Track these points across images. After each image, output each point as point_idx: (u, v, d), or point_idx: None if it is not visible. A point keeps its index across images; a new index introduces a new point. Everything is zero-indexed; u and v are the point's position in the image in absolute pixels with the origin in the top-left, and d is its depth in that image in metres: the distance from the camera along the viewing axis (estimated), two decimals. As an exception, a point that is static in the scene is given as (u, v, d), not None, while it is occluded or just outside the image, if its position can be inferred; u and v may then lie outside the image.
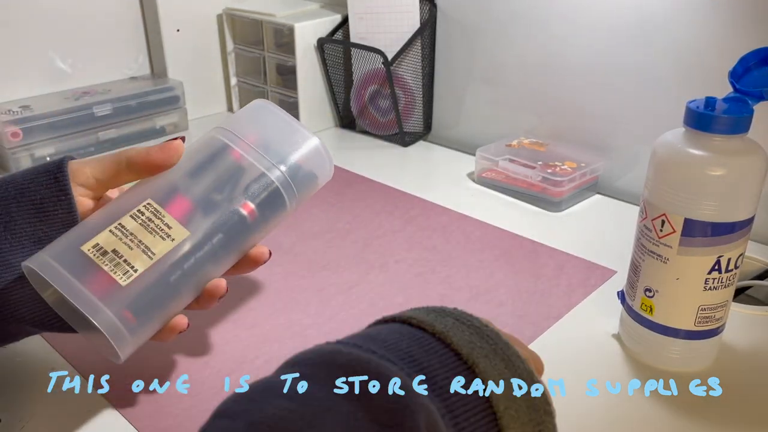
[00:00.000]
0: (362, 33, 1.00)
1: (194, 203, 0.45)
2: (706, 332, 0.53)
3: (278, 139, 0.49)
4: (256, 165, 0.47)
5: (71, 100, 0.96)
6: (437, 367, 0.34)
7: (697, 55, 0.74)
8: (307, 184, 0.50)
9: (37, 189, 0.43)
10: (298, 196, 0.50)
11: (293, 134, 0.50)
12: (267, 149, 0.48)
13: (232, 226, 0.46)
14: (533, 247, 0.73)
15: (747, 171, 0.48)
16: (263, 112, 0.51)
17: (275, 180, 0.48)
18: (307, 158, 0.50)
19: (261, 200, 0.47)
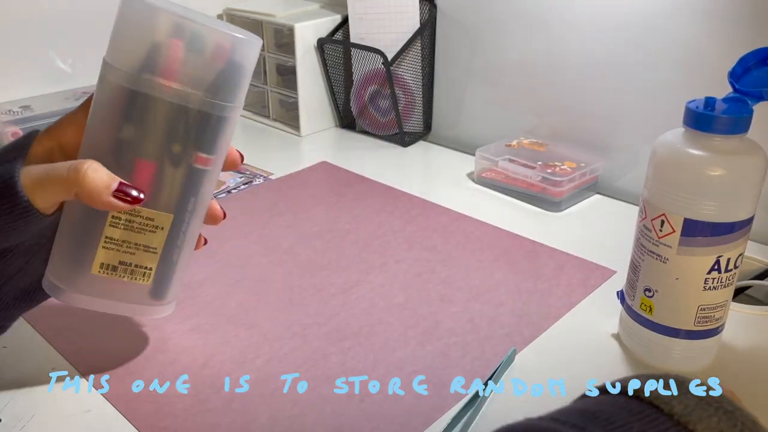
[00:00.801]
0: (362, 33, 1.00)
1: (151, 173, 0.43)
2: (706, 332, 0.53)
3: (192, 58, 0.40)
4: (189, 106, 0.41)
5: (71, 100, 0.96)
6: None
7: (697, 55, 0.75)
8: (239, 85, 0.43)
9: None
10: (236, 107, 0.44)
11: (206, 41, 0.40)
12: (188, 79, 0.40)
13: (197, 182, 0.45)
14: (533, 247, 0.73)
15: (746, 171, 0.48)
16: (156, 20, 0.39)
17: (211, 110, 0.41)
18: (232, 61, 0.41)
19: (210, 140, 0.43)
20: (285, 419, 0.49)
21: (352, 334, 0.59)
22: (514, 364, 0.55)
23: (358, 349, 0.57)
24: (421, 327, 0.60)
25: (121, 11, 0.40)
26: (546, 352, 0.57)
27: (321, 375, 0.54)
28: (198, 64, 0.40)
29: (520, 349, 0.57)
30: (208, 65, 0.40)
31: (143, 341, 0.58)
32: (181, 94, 0.40)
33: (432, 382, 0.53)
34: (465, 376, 0.54)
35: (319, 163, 0.95)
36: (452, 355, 0.57)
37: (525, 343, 0.58)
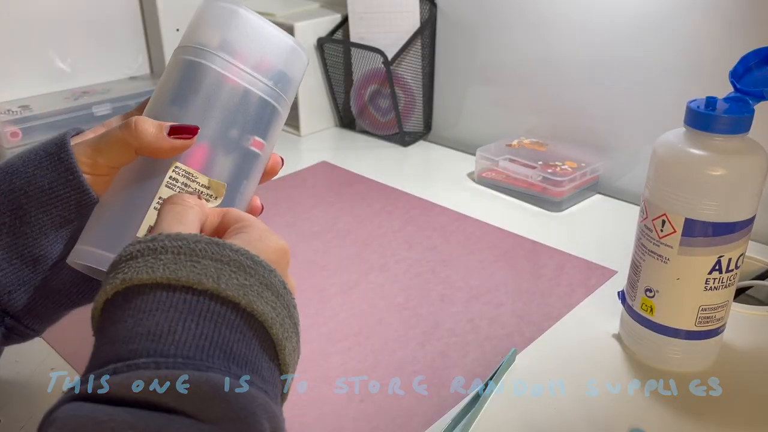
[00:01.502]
0: (362, 33, 1.00)
1: (210, 148, 0.44)
2: (707, 332, 0.53)
3: (259, 47, 0.45)
4: (253, 89, 0.44)
5: (71, 99, 0.96)
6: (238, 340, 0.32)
7: (698, 55, 0.74)
8: (293, 89, 0.48)
9: (44, 174, 0.42)
10: (289, 101, 0.48)
11: (271, 38, 0.46)
12: (254, 65, 0.45)
13: (250, 167, 0.45)
14: (533, 247, 0.73)
15: (747, 171, 0.48)
16: (231, 16, 0.45)
17: (272, 100, 0.45)
18: (290, 63, 0.47)
19: (266, 127, 0.45)
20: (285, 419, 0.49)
21: (352, 334, 0.59)
22: (514, 365, 0.55)
23: (358, 349, 0.57)
24: (421, 327, 0.60)
25: (203, 6, 0.45)
26: (546, 353, 0.57)
27: (321, 375, 0.54)
28: (266, 56, 0.45)
29: (520, 349, 0.57)
30: (274, 58, 0.45)
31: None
32: (249, 78, 0.44)
33: (432, 382, 0.53)
34: (465, 376, 0.54)
35: (319, 162, 0.95)
36: (452, 355, 0.56)
37: (525, 343, 0.58)
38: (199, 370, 0.29)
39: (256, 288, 0.33)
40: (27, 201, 0.42)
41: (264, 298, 0.33)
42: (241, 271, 0.33)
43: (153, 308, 0.31)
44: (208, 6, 0.45)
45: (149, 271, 0.32)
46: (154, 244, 0.33)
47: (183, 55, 0.44)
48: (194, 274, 0.32)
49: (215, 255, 0.33)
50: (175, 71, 0.44)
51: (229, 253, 0.33)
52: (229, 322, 0.32)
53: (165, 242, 0.33)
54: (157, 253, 0.33)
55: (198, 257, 0.33)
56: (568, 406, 0.51)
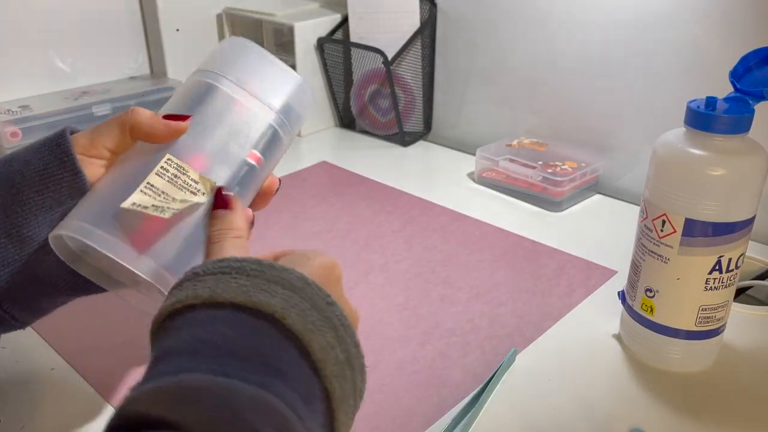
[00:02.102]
0: (362, 33, 1.00)
1: (207, 158, 0.46)
2: (707, 332, 0.53)
3: (268, 80, 0.51)
4: (256, 111, 0.49)
5: (71, 99, 0.96)
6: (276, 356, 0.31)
7: (698, 55, 0.74)
8: (296, 121, 0.52)
9: (41, 158, 0.43)
10: (292, 135, 0.52)
11: (280, 74, 0.52)
12: (261, 92, 0.49)
13: (244, 177, 0.47)
14: (533, 247, 0.73)
15: (748, 171, 0.48)
16: (245, 50, 0.52)
17: (274, 124, 0.49)
18: (295, 97, 0.52)
19: (265, 146, 0.48)
20: None
21: (352, 334, 0.59)
22: (514, 365, 0.55)
23: (358, 350, 0.57)
24: (421, 327, 0.60)
25: (223, 41, 0.52)
26: (546, 353, 0.57)
27: (321, 375, 0.54)
28: (272, 86, 0.50)
29: (520, 349, 0.57)
30: (279, 89, 0.51)
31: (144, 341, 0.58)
32: (253, 101, 0.49)
33: (432, 382, 0.53)
34: (465, 376, 0.54)
35: (319, 162, 0.95)
36: (452, 355, 0.56)
37: (525, 343, 0.58)
38: (187, 372, 0.28)
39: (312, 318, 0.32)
40: (22, 181, 0.42)
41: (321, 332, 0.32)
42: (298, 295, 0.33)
43: (217, 321, 0.31)
44: (227, 41, 0.52)
45: (222, 291, 0.32)
46: (224, 266, 0.34)
47: (195, 76, 0.49)
48: (263, 295, 0.32)
49: (282, 281, 0.33)
50: (186, 88, 0.49)
51: (294, 279, 0.33)
52: (278, 344, 0.31)
53: (238, 265, 0.33)
54: (234, 273, 0.33)
55: (270, 282, 0.33)
56: (568, 406, 0.51)
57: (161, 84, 1.04)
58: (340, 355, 0.33)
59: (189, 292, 0.32)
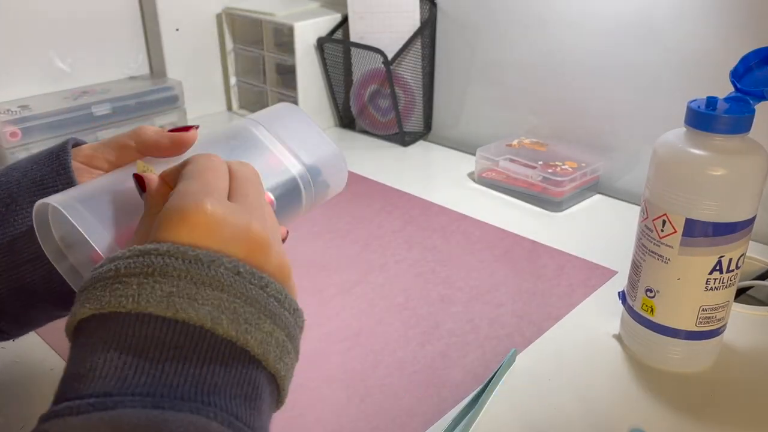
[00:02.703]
0: (362, 32, 1.00)
1: None
2: (707, 333, 0.53)
3: (304, 140, 0.51)
4: (282, 160, 0.49)
5: (70, 99, 0.96)
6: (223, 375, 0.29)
7: (698, 55, 0.74)
8: (323, 188, 0.52)
9: (39, 169, 0.43)
10: (314, 198, 0.52)
11: (317, 139, 0.53)
12: (293, 147, 0.50)
13: None
14: (533, 247, 0.73)
15: (748, 171, 0.48)
16: (291, 113, 0.53)
17: (297, 177, 0.49)
18: (327, 163, 0.52)
19: (281, 193, 0.48)
20: (285, 419, 0.49)
21: (352, 334, 0.59)
22: (514, 365, 0.55)
23: (358, 350, 0.57)
24: (421, 327, 0.60)
25: (278, 105, 0.54)
26: (547, 353, 0.57)
27: (321, 375, 0.54)
28: (308, 147, 0.51)
29: (520, 349, 0.57)
30: (312, 151, 0.51)
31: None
32: (282, 151, 0.50)
33: (432, 382, 0.53)
34: (465, 376, 0.54)
35: (319, 162, 0.95)
36: (452, 355, 0.56)
37: (525, 343, 0.58)
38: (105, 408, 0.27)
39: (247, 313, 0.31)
40: (18, 191, 0.43)
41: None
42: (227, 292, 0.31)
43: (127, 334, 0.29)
44: (279, 104, 0.55)
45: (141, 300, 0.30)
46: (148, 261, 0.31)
47: (237, 122, 0.51)
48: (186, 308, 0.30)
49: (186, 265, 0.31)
50: (224, 128, 0.50)
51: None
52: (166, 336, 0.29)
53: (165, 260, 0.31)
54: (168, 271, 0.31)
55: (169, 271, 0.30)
56: (568, 406, 0.51)
57: (161, 84, 1.04)
58: (280, 336, 0.32)
59: (111, 298, 0.30)
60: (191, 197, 0.33)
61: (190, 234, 0.32)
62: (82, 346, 0.30)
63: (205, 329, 0.30)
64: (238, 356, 0.30)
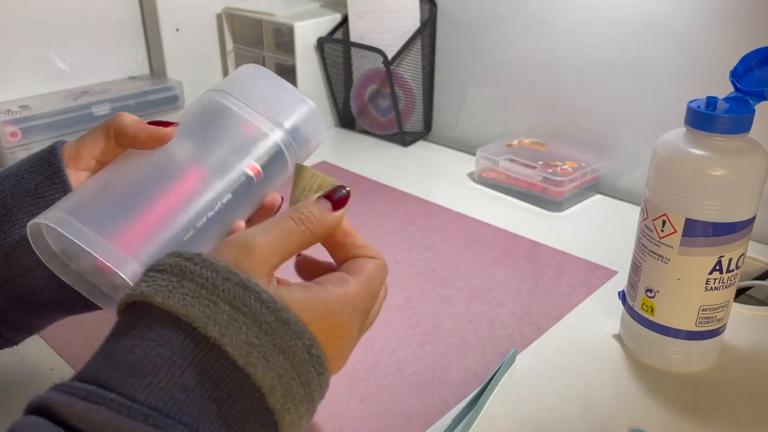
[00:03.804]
0: (362, 32, 1.00)
1: (205, 168, 0.46)
2: (707, 332, 0.53)
3: (276, 100, 0.51)
4: (260, 127, 0.49)
5: (70, 99, 0.96)
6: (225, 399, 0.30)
7: (698, 55, 0.74)
8: (304, 144, 0.52)
9: (32, 177, 0.43)
10: (297, 157, 0.51)
11: (290, 97, 0.52)
12: (268, 111, 0.49)
13: (240, 187, 0.47)
14: (534, 247, 0.73)
15: (748, 171, 0.48)
16: (257, 74, 0.52)
17: (279, 142, 0.49)
18: (304, 120, 0.51)
19: (266, 161, 0.48)
20: None
21: (352, 334, 0.59)
22: (514, 365, 0.55)
23: (358, 349, 0.57)
24: (422, 327, 0.60)
25: (238, 69, 0.52)
26: (547, 353, 0.57)
27: (321, 375, 0.54)
28: (283, 108, 0.50)
29: (520, 349, 0.57)
30: (289, 111, 0.50)
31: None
32: (260, 120, 0.49)
33: (432, 382, 0.53)
34: (465, 376, 0.54)
35: (319, 163, 0.95)
36: (452, 355, 0.56)
37: (526, 343, 0.58)
38: (157, 427, 0.27)
39: (264, 348, 0.31)
40: (12, 201, 0.42)
41: (270, 362, 0.31)
42: (255, 326, 0.31)
43: (152, 337, 0.30)
44: (242, 67, 0.53)
45: (167, 295, 0.31)
46: (185, 266, 0.32)
47: (205, 94, 0.50)
48: (204, 316, 0.30)
49: (236, 300, 0.31)
50: (194, 104, 0.50)
51: (252, 302, 0.31)
52: (219, 377, 0.30)
53: (196, 269, 0.32)
54: (183, 277, 0.32)
55: (217, 298, 0.31)
56: (568, 406, 0.51)
57: (161, 84, 1.04)
58: (305, 420, 0.33)
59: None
60: (355, 320, 0.37)
61: (317, 332, 0.33)
62: (149, 327, 0.31)
63: (261, 392, 0.31)
64: (269, 427, 0.31)
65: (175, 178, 0.44)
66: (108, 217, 0.40)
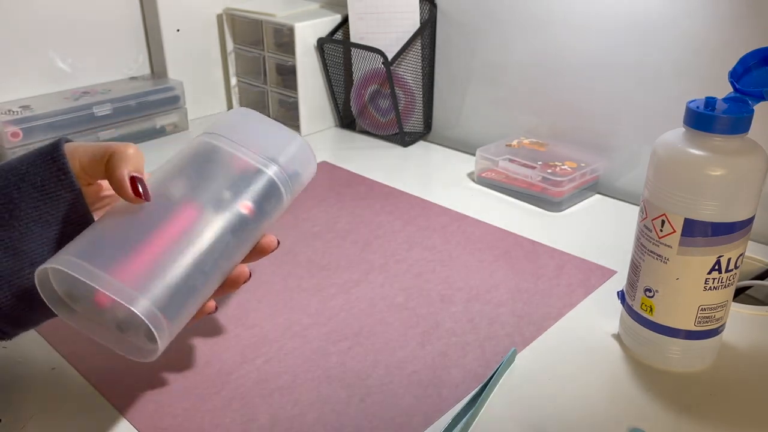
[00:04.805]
0: (362, 33, 1.00)
1: (199, 207, 0.46)
2: (706, 332, 0.53)
3: (267, 138, 0.52)
4: (252, 163, 0.49)
5: (71, 100, 0.96)
6: None
7: (697, 55, 0.74)
8: (297, 179, 0.53)
9: (37, 172, 0.43)
10: (292, 191, 0.52)
11: (280, 134, 0.53)
12: (260, 148, 0.50)
13: (236, 226, 0.47)
14: (533, 247, 0.73)
15: (747, 171, 0.48)
16: (246, 116, 0.54)
17: (273, 176, 0.50)
18: (296, 155, 0.52)
19: (260, 198, 0.49)
20: (285, 419, 0.49)
21: (352, 334, 0.59)
22: (514, 365, 0.55)
23: (358, 349, 0.57)
24: (421, 327, 0.60)
25: (229, 111, 0.55)
26: (546, 353, 0.57)
27: (321, 375, 0.54)
28: (273, 145, 0.51)
29: (520, 349, 0.57)
30: (279, 147, 0.51)
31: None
32: (251, 157, 0.49)
33: (432, 382, 0.53)
34: (465, 376, 0.54)
35: (319, 163, 0.95)
36: (452, 355, 0.57)
37: (525, 343, 0.58)
38: None
39: None
40: (19, 195, 0.43)
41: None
42: None
43: None
44: (231, 110, 0.55)
45: None
46: None
47: (197, 138, 0.51)
48: None
49: None
50: (187, 147, 0.50)
51: None
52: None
53: None
54: None
55: None
56: (568, 406, 0.51)
57: (161, 84, 1.04)
58: None
59: None
60: None
61: None
62: None
63: None
64: None
65: (172, 222, 0.44)
66: (116, 258, 0.41)
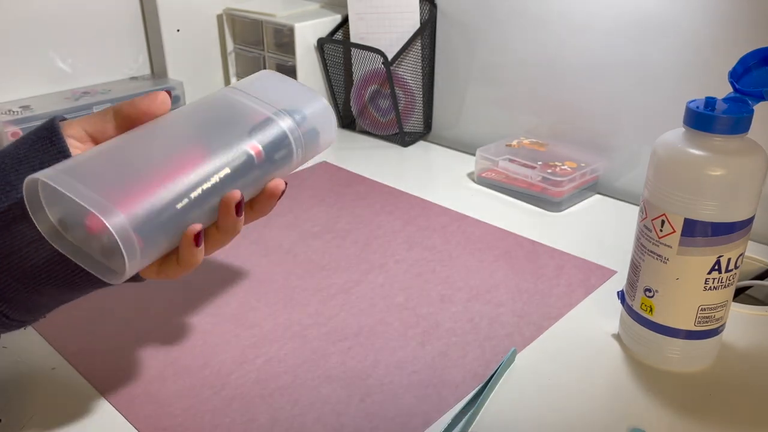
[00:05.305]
0: (362, 33, 1.00)
1: (206, 146, 0.46)
2: (706, 332, 0.53)
3: (287, 94, 0.51)
4: (265, 113, 0.49)
5: (71, 100, 0.96)
6: None
7: (697, 55, 0.75)
8: (312, 138, 0.52)
9: (35, 155, 0.43)
10: (304, 147, 0.51)
11: (301, 92, 0.52)
12: (276, 101, 0.50)
13: (240, 164, 0.46)
14: (533, 247, 0.73)
15: (747, 171, 0.48)
16: (270, 76, 0.54)
17: (284, 127, 0.49)
18: (314, 114, 0.52)
19: (270, 145, 0.48)
20: (285, 419, 0.49)
21: (352, 334, 0.59)
22: (514, 365, 0.55)
23: (358, 349, 0.57)
24: (421, 327, 0.60)
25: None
26: (546, 353, 0.57)
27: (321, 375, 0.54)
28: (292, 99, 0.51)
29: (520, 349, 0.57)
30: (297, 102, 0.51)
31: (143, 341, 0.58)
32: (266, 107, 0.49)
33: (432, 382, 0.53)
34: (465, 376, 0.54)
35: (319, 163, 0.95)
36: (452, 355, 0.57)
37: (525, 343, 0.58)
38: None
39: None
40: (16, 178, 0.43)
41: None
42: None
43: None
44: (259, 72, 0.54)
45: None
46: None
47: (222, 90, 0.51)
48: None
49: None
50: (203, 97, 0.50)
51: None
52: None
53: None
54: None
55: None
56: (568, 405, 0.51)
57: (162, 84, 1.04)
58: None
59: None
60: None
61: None
62: None
63: None
64: None
65: (172, 150, 0.44)
66: (101, 177, 0.40)
